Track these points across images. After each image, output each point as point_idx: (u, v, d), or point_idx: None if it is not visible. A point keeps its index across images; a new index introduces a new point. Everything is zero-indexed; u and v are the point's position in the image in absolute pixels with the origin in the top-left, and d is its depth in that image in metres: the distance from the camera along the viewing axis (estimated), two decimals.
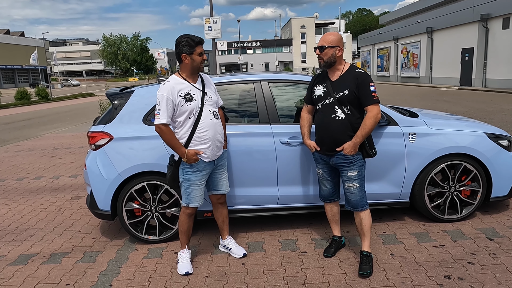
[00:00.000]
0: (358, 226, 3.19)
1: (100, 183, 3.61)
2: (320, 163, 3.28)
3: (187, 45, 2.98)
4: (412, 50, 31.51)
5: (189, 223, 3.24)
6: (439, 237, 3.58)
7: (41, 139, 10.84)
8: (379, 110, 2.98)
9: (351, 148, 3.00)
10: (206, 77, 3.23)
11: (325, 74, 3.19)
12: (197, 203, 3.15)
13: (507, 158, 3.87)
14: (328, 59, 3.04)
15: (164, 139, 2.98)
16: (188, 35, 3.03)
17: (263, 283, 2.96)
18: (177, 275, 3.15)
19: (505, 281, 2.82)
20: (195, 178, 3.09)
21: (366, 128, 2.96)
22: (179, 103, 2.95)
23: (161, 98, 2.92)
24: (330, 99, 3.07)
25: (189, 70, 3.04)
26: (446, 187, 3.80)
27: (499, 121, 10.24)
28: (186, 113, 2.97)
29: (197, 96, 3.02)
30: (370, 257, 3.14)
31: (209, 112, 3.06)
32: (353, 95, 2.99)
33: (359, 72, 3.02)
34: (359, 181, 3.09)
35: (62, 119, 16.26)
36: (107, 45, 79.92)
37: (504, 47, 20.73)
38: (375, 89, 3.00)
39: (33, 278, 3.21)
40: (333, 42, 3.03)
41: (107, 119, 3.74)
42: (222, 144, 3.18)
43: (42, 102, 27.62)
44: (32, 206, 5.09)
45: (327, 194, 3.35)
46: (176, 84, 2.99)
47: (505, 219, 3.91)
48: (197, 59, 3.00)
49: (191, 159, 3.00)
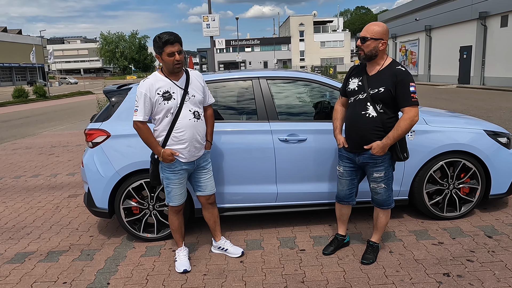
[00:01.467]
0: (374, 220, 3.17)
1: (98, 181, 3.58)
2: (343, 160, 3.13)
3: (156, 45, 2.84)
4: (411, 48, 31.51)
5: (179, 220, 3.19)
6: (438, 235, 3.57)
7: (38, 137, 10.80)
8: (417, 112, 2.77)
9: (380, 148, 2.85)
10: (194, 74, 3.07)
11: (363, 66, 2.99)
12: (177, 202, 3.10)
13: (506, 155, 3.86)
14: (369, 51, 2.83)
15: (141, 136, 2.94)
16: (160, 33, 2.83)
17: (262, 281, 2.95)
18: (175, 273, 3.13)
19: (504, 278, 2.82)
20: (174, 177, 3.02)
21: (399, 130, 2.78)
22: (157, 101, 2.86)
23: (139, 95, 2.85)
24: (364, 95, 2.89)
25: (166, 69, 2.92)
26: (445, 184, 3.79)
27: (497, 118, 10.25)
28: (163, 111, 2.88)
29: (177, 95, 2.90)
30: (376, 248, 3.15)
31: (189, 112, 2.94)
32: (389, 93, 2.80)
33: (400, 70, 2.81)
34: (385, 182, 2.98)
35: (59, 117, 16.21)
36: (105, 43, 79.76)
37: (502, 45, 20.75)
38: (415, 90, 2.79)
39: (30, 276, 3.19)
40: (377, 34, 2.81)
41: (104, 116, 3.71)
42: (201, 145, 3.07)
43: (39, 100, 27.52)
44: (29, 204, 5.06)
45: (343, 195, 3.21)
46: (156, 81, 2.88)
47: (504, 217, 3.91)
48: (166, 59, 2.83)
49: (166, 159, 2.93)
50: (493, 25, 21.58)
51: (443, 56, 26.69)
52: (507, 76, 20.39)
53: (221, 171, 3.59)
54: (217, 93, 3.85)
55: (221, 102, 3.84)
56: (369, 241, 3.21)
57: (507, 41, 20.37)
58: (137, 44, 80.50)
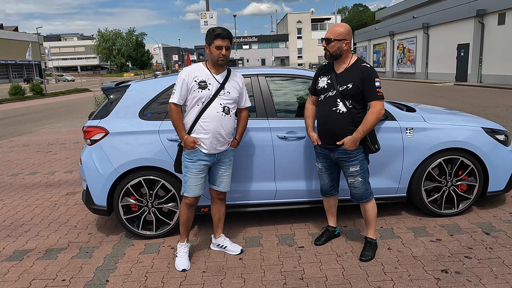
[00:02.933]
0: (363, 215, 3.24)
1: (96, 178, 3.57)
2: (320, 157, 3.28)
3: (208, 36, 3.01)
4: (408, 46, 31.53)
5: (188, 214, 3.19)
6: (436, 232, 3.58)
7: (35, 135, 10.76)
8: (382, 106, 2.95)
9: (351, 143, 2.98)
10: (235, 74, 3.17)
11: (330, 65, 3.15)
12: (192, 193, 3.11)
13: (504, 152, 3.88)
14: (334, 52, 3.00)
15: (171, 118, 3.05)
16: (216, 27, 3.02)
17: (261, 278, 2.95)
18: (174, 270, 3.13)
19: (502, 274, 2.83)
20: (192, 166, 3.08)
21: (368, 123, 2.93)
22: (192, 87, 2.99)
23: (179, 79, 3.01)
24: (333, 92, 3.04)
25: (210, 61, 3.07)
26: (443, 181, 3.81)
27: (494, 116, 10.28)
28: (196, 99, 3.00)
29: (212, 87, 3.02)
30: (374, 244, 3.19)
31: (219, 105, 3.03)
32: (357, 89, 2.95)
33: (365, 67, 2.98)
34: (361, 175, 3.09)
35: (57, 114, 16.14)
36: (102, 40, 79.36)
37: (500, 43, 20.79)
38: (380, 84, 2.97)
39: (29, 274, 3.19)
40: (341, 35, 2.96)
41: (102, 113, 3.70)
42: (225, 140, 3.12)
43: (36, 97, 27.38)
44: (27, 201, 5.05)
45: (325, 189, 3.36)
46: (196, 69, 3.05)
47: (502, 214, 3.92)
48: (214, 51, 2.98)
49: (188, 145, 3.02)
50: (490, 23, 21.61)
51: (441, 53, 26.73)
52: (504, 74, 20.44)
53: None
54: None
55: None
56: (366, 238, 3.25)
57: (505, 39, 20.41)
58: (134, 42, 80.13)
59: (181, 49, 79.75)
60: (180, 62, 67.50)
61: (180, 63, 67.54)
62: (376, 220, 3.23)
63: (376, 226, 3.27)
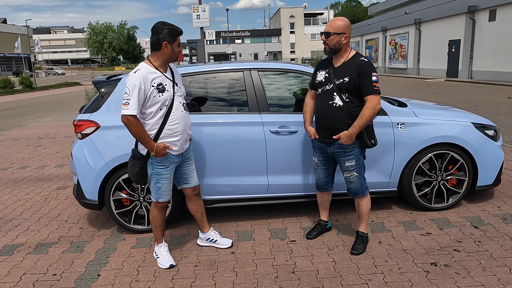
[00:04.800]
0: (357, 209, 3.26)
1: (87, 172, 3.55)
2: (316, 151, 3.28)
3: (170, 34, 2.84)
4: (400, 41, 31.65)
5: (162, 217, 3.15)
6: (426, 225, 3.63)
7: (25, 129, 10.62)
8: (378, 100, 2.93)
9: (347, 137, 2.98)
10: (174, 68, 3.07)
11: (329, 59, 3.16)
12: (167, 198, 3.06)
13: (493, 148, 3.93)
14: (334, 45, 2.99)
15: (132, 131, 2.76)
16: (169, 23, 2.88)
17: (253, 272, 2.97)
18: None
19: (490, 267, 2.88)
20: (165, 172, 2.97)
21: (364, 118, 2.92)
22: (152, 93, 2.77)
23: (132, 88, 2.71)
24: (330, 85, 3.04)
25: (164, 60, 2.89)
26: (433, 176, 3.85)
27: (484, 111, 10.40)
28: (158, 104, 2.81)
29: (169, 87, 2.87)
30: (365, 238, 3.23)
31: (180, 104, 2.93)
32: (354, 83, 2.95)
33: (363, 61, 2.97)
34: (357, 170, 3.10)
35: (47, 108, 15.95)
36: (93, 33, 78.49)
37: (490, 39, 20.97)
38: (377, 79, 2.95)
39: (19, 268, 3.16)
40: (340, 28, 2.96)
41: (93, 107, 3.67)
42: (189, 136, 3.09)
43: (26, 91, 27.01)
44: (17, 196, 5.00)
45: (320, 184, 3.38)
46: (148, 73, 2.80)
47: (490, 208, 3.99)
48: (176, 49, 2.89)
49: (160, 153, 2.85)
50: (481, 19, 21.77)
51: (432, 49, 26.88)
52: (494, 70, 20.65)
53: (212, 162, 3.59)
54: (208, 85, 3.83)
55: (212, 94, 3.83)
56: (357, 232, 3.28)
57: (495, 35, 20.59)
58: (126, 35, 79.36)
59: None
60: None
61: None
62: (369, 215, 3.26)
63: (368, 220, 3.30)
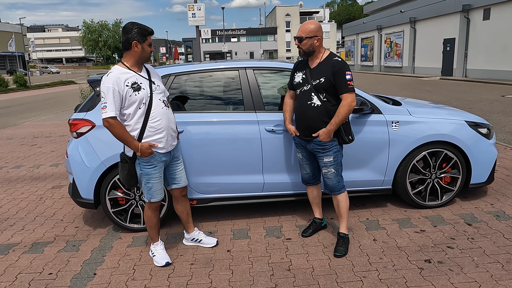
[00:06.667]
0: (336, 208, 3.29)
1: (83, 171, 3.55)
2: (299, 147, 3.36)
3: (140, 33, 2.83)
4: (395, 40, 31.76)
5: (157, 217, 3.15)
6: (420, 223, 3.66)
7: (20, 128, 10.57)
8: (353, 98, 3.02)
9: (325, 135, 3.07)
10: (150, 68, 3.06)
11: (306, 61, 3.25)
12: (159, 197, 3.05)
13: (486, 145, 3.97)
14: (307, 49, 3.10)
15: (114, 133, 2.77)
16: (139, 23, 2.89)
17: (248, 270, 2.99)
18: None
19: (483, 264, 2.92)
20: (154, 171, 2.94)
21: (340, 115, 3.01)
22: (127, 93, 2.77)
23: (107, 90, 2.71)
24: (308, 86, 3.13)
25: (136, 59, 2.87)
26: (428, 174, 3.88)
27: (478, 110, 10.47)
28: (136, 103, 2.80)
29: (145, 85, 2.86)
30: (346, 239, 3.24)
31: (159, 101, 2.92)
32: (329, 83, 3.04)
33: (336, 61, 3.06)
34: (334, 167, 3.17)
35: (41, 107, 15.86)
36: (88, 31, 78.05)
37: (485, 38, 21.10)
38: (351, 77, 3.03)
39: (15, 267, 3.16)
40: (311, 32, 3.05)
41: (89, 106, 3.66)
42: (176, 133, 3.08)
43: (20, 89, 26.82)
44: (12, 195, 4.98)
45: (307, 178, 3.43)
46: (121, 74, 2.80)
47: (483, 205, 4.03)
48: (147, 49, 2.87)
49: (145, 152, 2.84)
50: (475, 17, 21.90)
51: (427, 48, 27.00)
52: (488, 68, 20.79)
53: (207, 161, 3.60)
54: (204, 83, 3.84)
55: (207, 92, 3.83)
56: (339, 233, 3.28)
57: (489, 34, 20.72)
58: (121, 33, 79.02)
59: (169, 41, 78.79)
60: (167, 54, 66.73)
61: (167, 55, 66.77)
62: (348, 214, 3.28)
63: (348, 220, 3.32)
